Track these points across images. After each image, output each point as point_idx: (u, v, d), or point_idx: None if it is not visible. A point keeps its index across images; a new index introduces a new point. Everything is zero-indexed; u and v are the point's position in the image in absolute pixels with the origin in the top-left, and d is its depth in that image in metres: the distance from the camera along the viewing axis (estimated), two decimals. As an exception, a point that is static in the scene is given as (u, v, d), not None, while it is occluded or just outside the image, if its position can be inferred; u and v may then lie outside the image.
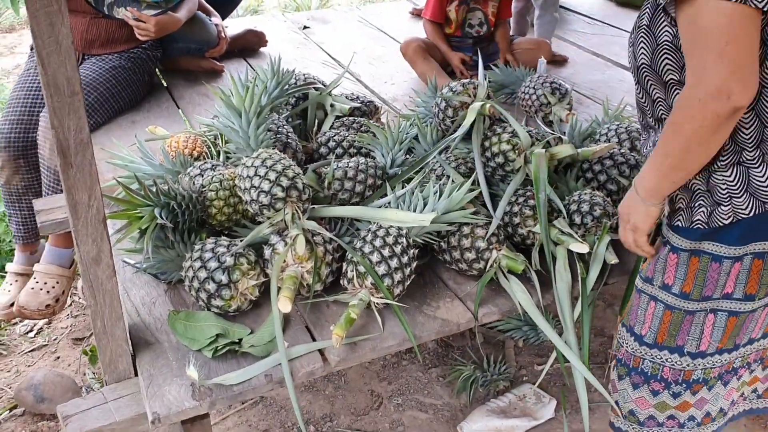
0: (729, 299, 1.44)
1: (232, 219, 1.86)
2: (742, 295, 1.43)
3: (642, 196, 1.43)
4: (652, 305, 1.51)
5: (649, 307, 1.52)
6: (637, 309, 1.56)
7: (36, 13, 1.20)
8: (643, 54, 1.40)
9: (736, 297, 1.43)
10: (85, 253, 1.43)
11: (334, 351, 1.60)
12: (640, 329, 1.55)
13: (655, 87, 1.42)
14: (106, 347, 1.55)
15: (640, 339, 1.55)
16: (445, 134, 2.15)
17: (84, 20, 2.68)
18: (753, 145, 1.33)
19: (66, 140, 1.31)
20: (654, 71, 1.39)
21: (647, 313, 1.53)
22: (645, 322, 1.54)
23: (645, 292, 1.53)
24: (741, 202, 1.34)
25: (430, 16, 3.19)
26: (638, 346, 1.56)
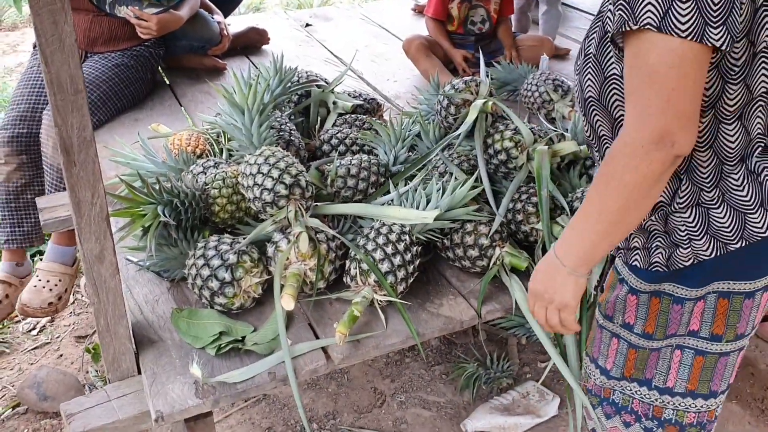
0: (695, 337, 1.32)
1: (235, 217, 1.86)
2: (708, 334, 1.31)
3: (570, 267, 1.25)
4: (615, 342, 1.39)
5: (612, 343, 1.40)
6: (599, 343, 1.43)
7: (39, 11, 1.20)
8: (590, 86, 1.26)
9: (702, 336, 1.31)
10: (88, 250, 1.43)
11: (338, 348, 1.60)
12: (604, 363, 1.43)
13: (601, 123, 1.28)
14: (110, 345, 1.55)
15: (607, 373, 1.43)
16: (447, 131, 2.15)
17: (87, 18, 2.68)
18: (711, 185, 1.22)
19: (69, 138, 1.31)
20: (602, 105, 1.25)
21: (611, 349, 1.40)
22: (609, 357, 1.41)
23: (606, 329, 1.40)
24: (701, 244, 1.23)
25: (432, 13, 3.19)
26: (606, 380, 1.44)
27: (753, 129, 1.21)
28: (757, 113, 1.19)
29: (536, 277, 1.33)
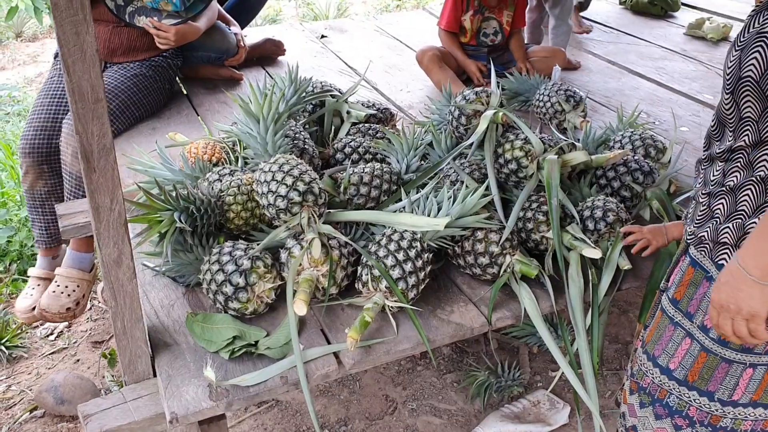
0: (705, 333, 1.32)
1: (250, 223, 1.90)
2: (717, 336, 1.30)
3: (756, 276, 1.19)
4: (688, 342, 1.37)
5: (683, 343, 1.37)
6: (668, 341, 1.41)
7: (62, 22, 1.24)
8: (753, 65, 1.19)
9: (711, 336, 1.31)
10: (106, 255, 1.46)
11: (349, 354, 1.63)
12: (667, 362, 1.41)
13: (751, 105, 1.23)
14: (126, 348, 1.58)
15: (669, 373, 1.41)
16: (459, 141, 2.17)
17: (107, 29, 2.74)
18: None
19: (89, 145, 1.35)
20: (760, 89, 1.20)
21: (680, 348, 1.38)
22: (675, 357, 1.39)
23: (682, 327, 1.37)
24: None
25: (445, 25, 3.22)
26: (666, 380, 1.42)
27: None
28: None
29: (720, 289, 1.25)
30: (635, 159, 2.13)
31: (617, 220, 1.87)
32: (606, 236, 1.87)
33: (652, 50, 3.95)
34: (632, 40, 4.11)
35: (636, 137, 2.32)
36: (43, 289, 2.57)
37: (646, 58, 3.82)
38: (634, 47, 3.99)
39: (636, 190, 2.07)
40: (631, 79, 3.51)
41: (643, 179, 2.08)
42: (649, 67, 3.67)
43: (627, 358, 2.61)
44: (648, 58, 3.82)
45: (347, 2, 7.26)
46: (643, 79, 3.52)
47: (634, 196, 2.08)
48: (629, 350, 2.64)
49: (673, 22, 4.51)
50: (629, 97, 3.25)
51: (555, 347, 1.69)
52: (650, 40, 4.12)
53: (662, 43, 4.07)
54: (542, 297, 1.82)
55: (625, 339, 2.70)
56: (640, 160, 2.14)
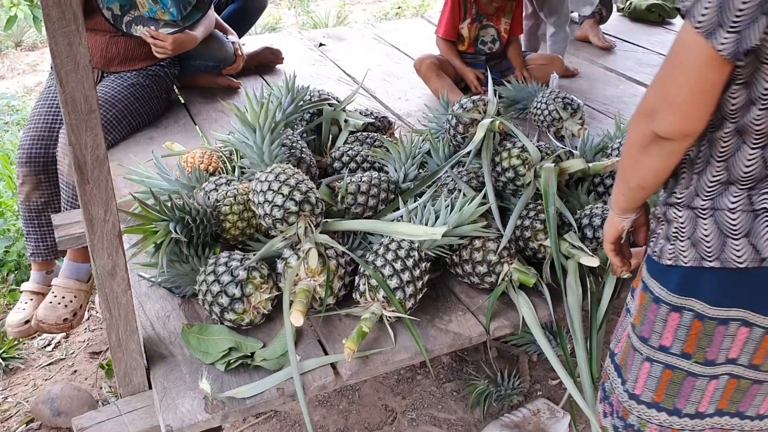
0: (665, 353, 1.31)
1: (246, 233, 1.89)
2: (679, 351, 1.29)
3: (609, 205, 1.41)
4: (647, 366, 1.36)
5: (643, 368, 1.37)
6: (631, 366, 1.40)
7: (55, 33, 1.24)
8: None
9: (672, 352, 1.30)
10: (100, 267, 1.45)
11: (346, 365, 1.62)
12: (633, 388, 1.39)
13: None
14: (121, 360, 1.57)
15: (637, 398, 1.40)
16: (457, 149, 2.17)
17: (104, 39, 2.73)
18: (709, 195, 1.22)
19: (83, 156, 1.34)
20: None
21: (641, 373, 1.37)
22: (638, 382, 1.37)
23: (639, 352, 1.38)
24: (683, 247, 1.23)
25: (443, 34, 3.22)
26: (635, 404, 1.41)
27: None
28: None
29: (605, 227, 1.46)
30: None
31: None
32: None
33: (650, 57, 3.94)
34: (629, 47, 4.11)
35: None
36: (36, 304, 2.55)
37: (644, 65, 3.81)
38: (632, 54, 3.99)
39: (635, 198, 2.06)
40: (630, 86, 3.51)
41: (642, 187, 2.07)
42: (647, 74, 3.67)
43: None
44: (646, 65, 3.81)
45: (347, 10, 7.27)
46: (642, 86, 3.51)
47: (632, 203, 2.07)
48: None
49: (670, 29, 4.51)
50: (627, 104, 3.24)
51: (554, 356, 1.68)
52: (648, 47, 4.12)
53: (660, 50, 4.06)
54: (540, 306, 1.81)
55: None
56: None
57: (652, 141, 1.17)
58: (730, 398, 1.32)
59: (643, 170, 1.24)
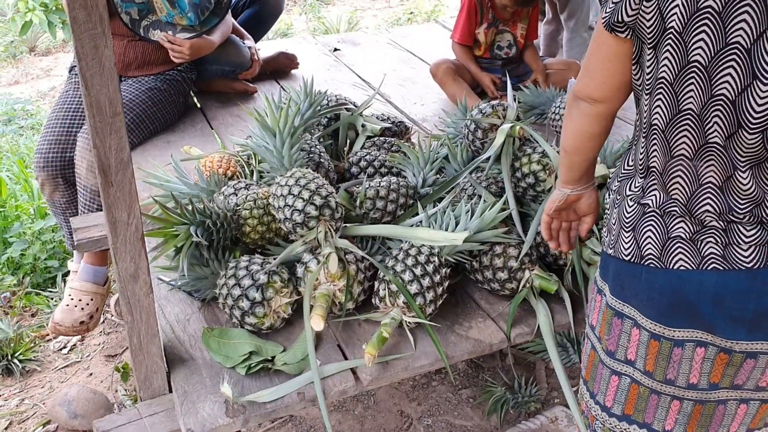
0: (591, 330, 1.34)
1: (266, 237, 1.88)
2: (598, 333, 1.32)
3: None
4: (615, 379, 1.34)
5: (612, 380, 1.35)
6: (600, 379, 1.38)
7: (81, 36, 1.24)
8: None
9: (596, 333, 1.32)
10: (123, 270, 1.45)
11: (366, 370, 1.61)
12: (603, 400, 1.37)
13: None
14: (142, 363, 1.57)
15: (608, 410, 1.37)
16: (475, 155, 2.16)
17: (122, 43, 2.74)
18: (621, 179, 1.28)
19: (107, 159, 1.34)
20: None
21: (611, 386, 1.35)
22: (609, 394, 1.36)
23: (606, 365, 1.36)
24: (605, 233, 1.31)
25: (459, 38, 3.21)
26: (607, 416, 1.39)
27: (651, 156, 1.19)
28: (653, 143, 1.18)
29: (548, 201, 1.53)
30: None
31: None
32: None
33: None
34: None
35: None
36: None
37: (661, 70, 3.79)
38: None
39: (655, 204, 2.05)
40: (646, 91, 3.49)
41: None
42: (663, 79, 3.65)
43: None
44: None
45: (358, 15, 7.28)
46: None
47: (653, 210, 2.05)
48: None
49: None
50: (645, 109, 3.22)
51: (560, 365, 1.66)
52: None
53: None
54: (562, 313, 1.79)
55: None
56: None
57: (574, 100, 1.29)
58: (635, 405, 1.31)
59: (567, 131, 1.34)
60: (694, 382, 1.22)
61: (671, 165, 1.16)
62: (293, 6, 7.71)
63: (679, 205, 1.17)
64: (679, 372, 1.22)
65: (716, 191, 1.14)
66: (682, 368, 1.22)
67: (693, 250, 1.15)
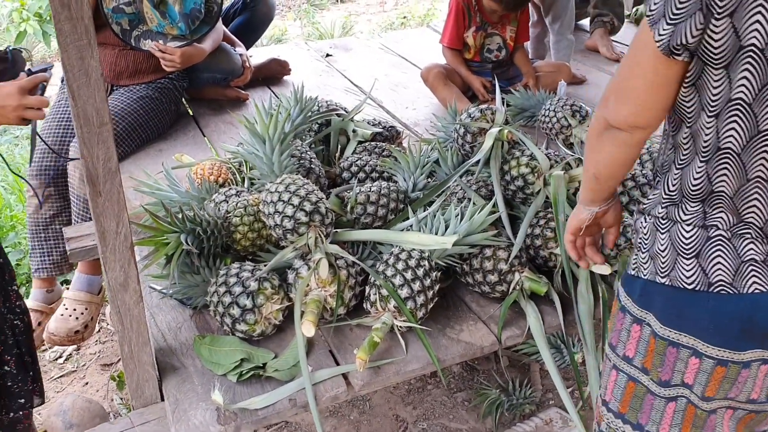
0: (629, 363, 1.28)
1: (257, 244, 1.89)
2: (640, 365, 1.26)
3: (578, 195, 1.42)
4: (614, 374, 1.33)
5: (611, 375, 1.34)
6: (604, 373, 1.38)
7: (67, 47, 1.25)
8: None
9: (634, 364, 1.27)
10: (112, 279, 1.46)
11: (358, 375, 1.61)
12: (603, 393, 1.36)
13: None
14: (133, 372, 1.57)
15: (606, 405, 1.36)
16: (465, 158, 2.17)
17: (113, 52, 2.75)
18: (666, 204, 1.20)
19: (95, 169, 1.35)
20: None
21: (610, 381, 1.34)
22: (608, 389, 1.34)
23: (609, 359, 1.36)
24: (643, 258, 1.22)
25: (448, 42, 3.22)
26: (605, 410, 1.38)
27: (716, 181, 1.12)
28: (722, 167, 1.12)
29: (570, 217, 1.47)
30: (643, 173, 2.12)
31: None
32: (626, 252, 1.85)
33: (658, 63, 3.93)
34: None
35: (643, 151, 2.31)
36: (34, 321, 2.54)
37: (652, 71, 3.80)
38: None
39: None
40: (637, 92, 3.50)
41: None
42: (654, 80, 3.66)
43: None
44: (653, 71, 3.80)
45: (352, 21, 7.30)
46: (649, 92, 3.50)
47: (642, 210, 2.06)
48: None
49: (677, 35, 4.50)
50: (636, 110, 3.23)
51: (554, 367, 1.67)
52: (655, 53, 4.11)
53: (667, 56, 4.05)
54: (552, 314, 1.80)
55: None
56: (647, 174, 2.12)
57: (606, 129, 1.19)
58: (691, 425, 1.24)
59: (598, 158, 1.26)
60: (754, 398, 1.19)
61: (746, 188, 1.11)
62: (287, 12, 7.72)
63: (753, 228, 1.13)
64: (741, 390, 1.18)
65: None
66: (746, 387, 1.18)
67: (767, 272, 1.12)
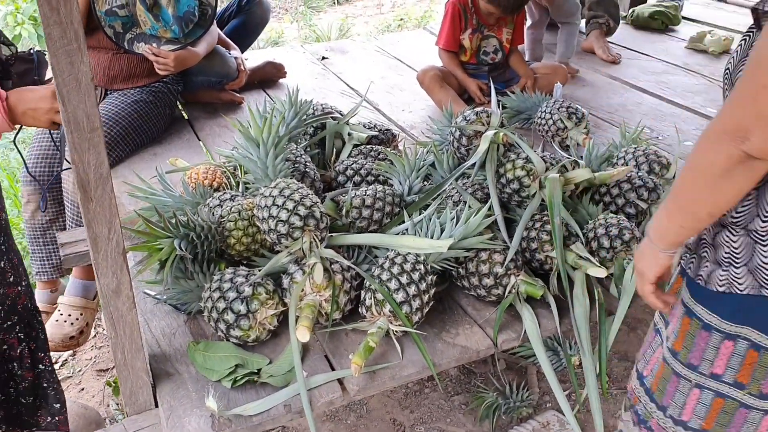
0: (717, 380, 1.23)
1: (251, 249, 1.88)
2: (732, 380, 1.21)
3: (651, 238, 1.26)
4: (696, 392, 1.28)
5: (692, 394, 1.29)
6: (674, 392, 1.33)
7: (56, 52, 1.24)
8: None
9: (725, 380, 1.22)
10: (105, 285, 1.45)
11: (354, 380, 1.60)
12: (679, 413, 1.32)
13: None
14: (127, 379, 1.56)
15: (684, 424, 1.32)
16: (461, 161, 2.16)
17: (106, 56, 2.74)
18: (766, 219, 1.12)
19: (86, 175, 1.34)
20: None
21: (690, 399, 1.30)
22: (686, 408, 1.30)
23: (686, 378, 1.30)
24: (738, 274, 1.15)
25: (444, 45, 3.22)
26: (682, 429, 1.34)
27: None
28: None
29: (637, 258, 1.31)
30: (639, 175, 2.11)
31: (633, 238, 1.85)
32: (622, 254, 1.84)
33: (654, 65, 3.94)
34: (633, 55, 4.11)
35: (639, 153, 2.30)
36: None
37: (648, 72, 3.81)
38: (636, 62, 3.98)
39: (641, 207, 2.05)
40: (634, 94, 3.50)
41: (648, 196, 2.06)
42: (651, 81, 3.66)
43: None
44: (650, 72, 3.81)
45: (349, 23, 7.29)
46: (646, 93, 3.51)
47: (639, 213, 2.06)
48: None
49: (674, 36, 4.51)
50: (632, 112, 3.23)
51: (551, 371, 1.66)
52: (652, 54, 4.12)
53: (664, 57, 4.06)
54: (548, 317, 1.79)
55: (634, 357, 2.66)
56: (644, 176, 2.12)
57: (740, 163, 1.03)
58: None
59: (721, 196, 1.10)
60: None
61: None
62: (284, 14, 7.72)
63: None
64: None
65: None
66: None
67: None
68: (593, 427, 2.04)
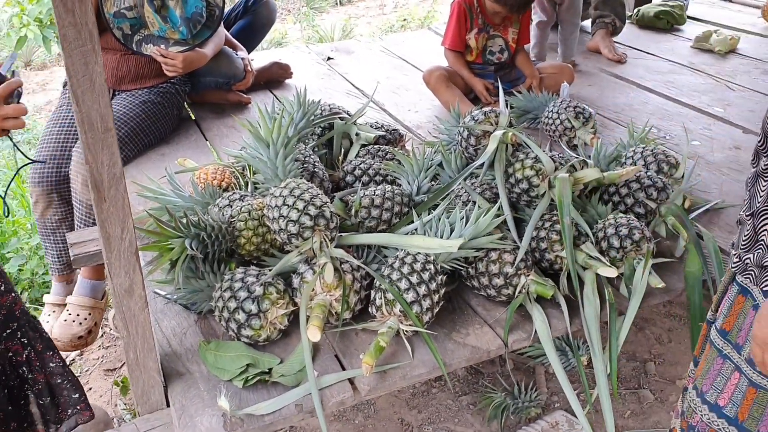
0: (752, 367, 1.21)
1: (261, 248, 1.88)
2: None
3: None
4: (737, 376, 1.24)
5: (732, 377, 1.25)
6: (716, 375, 1.28)
7: (71, 53, 1.24)
8: None
9: None
10: (118, 285, 1.45)
11: (364, 380, 1.60)
12: (716, 398, 1.29)
13: None
14: (139, 378, 1.56)
15: (718, 410, 1.28)
16: (469, 161, 2.16)
17: (114, 57, 2.75)
18: None
19: (99, 175, 1.34)
20: None
21: (729, 383, 1.26)
22: (725, 392, 1.27)
23: (731, 359, 1.25)
24: None
25: (450, 44, 3.22)
26: (715, 417, 1.29)
27: None
28: None
29: (761, 322, 1.14)
30: (648, 175, 2.11)
31: (643, 238, 1.85)
32: (632, 254, 1.84)
33: (660, 64, 3.94)
34: (639, 54, 4.11)
35: (648, 153, 2.30)
36: (59, 315, 2.56)
37: (654, 72, 3.81)
38: (642, 61, 3.98)
39: (650, 207, 2.05)
40: (640, 93, 3.50)
41: (657, 195, 2.06)
42: (657, 81, 3.66)
43: (645, 376, 2.57)
44: (656, 72, 3.81)
45: (352, 23, 7.30)
46: (652, 93, 3.50)
47: (648, 212, 2.06)
48: (647, 368, 2.60)
49: (679, 35, 4.50)
50: (639, 111, 3.23)
51: (561, 371, 1.66)
52: (657, 54, 4.12)
53: (670, 56, 4.06)
54: (558, 317, 1.79)
55: (642, 357, 2.66)
56: (653, 175, 2.12)
57: None
58: None
59: None
60: None
61: None
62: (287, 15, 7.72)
63: None
64: None
65: None
66: None
67: None
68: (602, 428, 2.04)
